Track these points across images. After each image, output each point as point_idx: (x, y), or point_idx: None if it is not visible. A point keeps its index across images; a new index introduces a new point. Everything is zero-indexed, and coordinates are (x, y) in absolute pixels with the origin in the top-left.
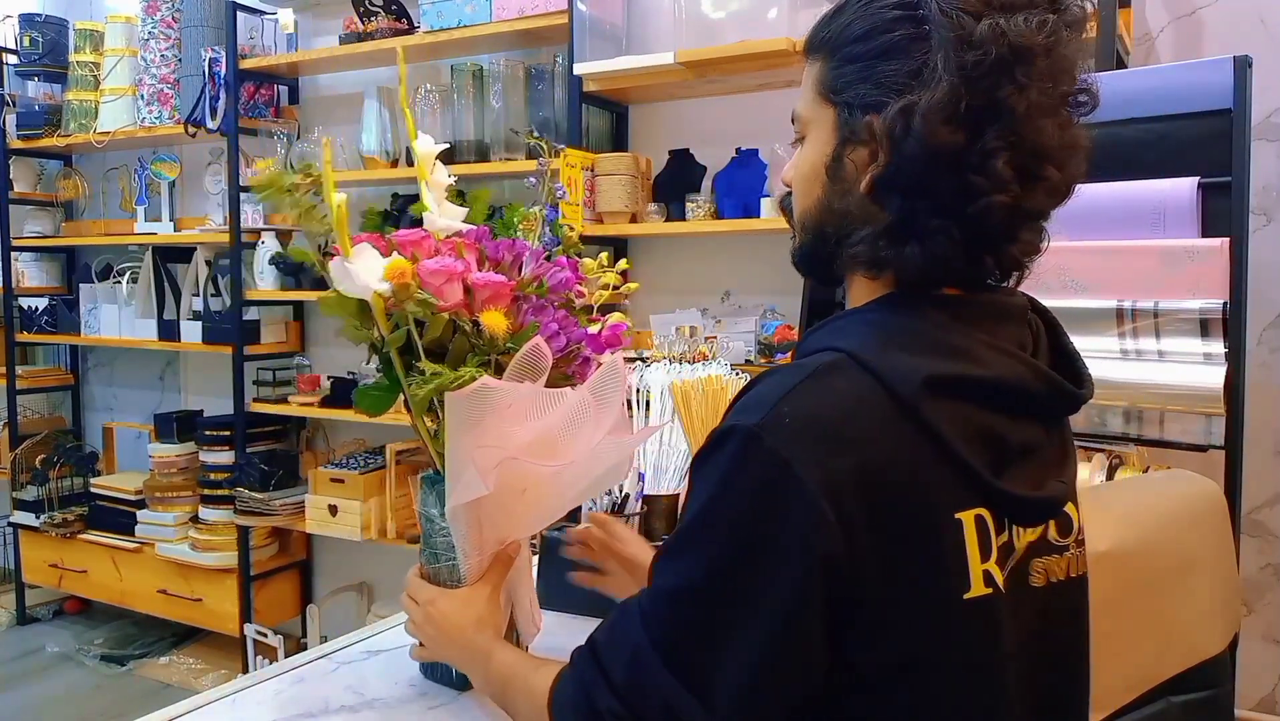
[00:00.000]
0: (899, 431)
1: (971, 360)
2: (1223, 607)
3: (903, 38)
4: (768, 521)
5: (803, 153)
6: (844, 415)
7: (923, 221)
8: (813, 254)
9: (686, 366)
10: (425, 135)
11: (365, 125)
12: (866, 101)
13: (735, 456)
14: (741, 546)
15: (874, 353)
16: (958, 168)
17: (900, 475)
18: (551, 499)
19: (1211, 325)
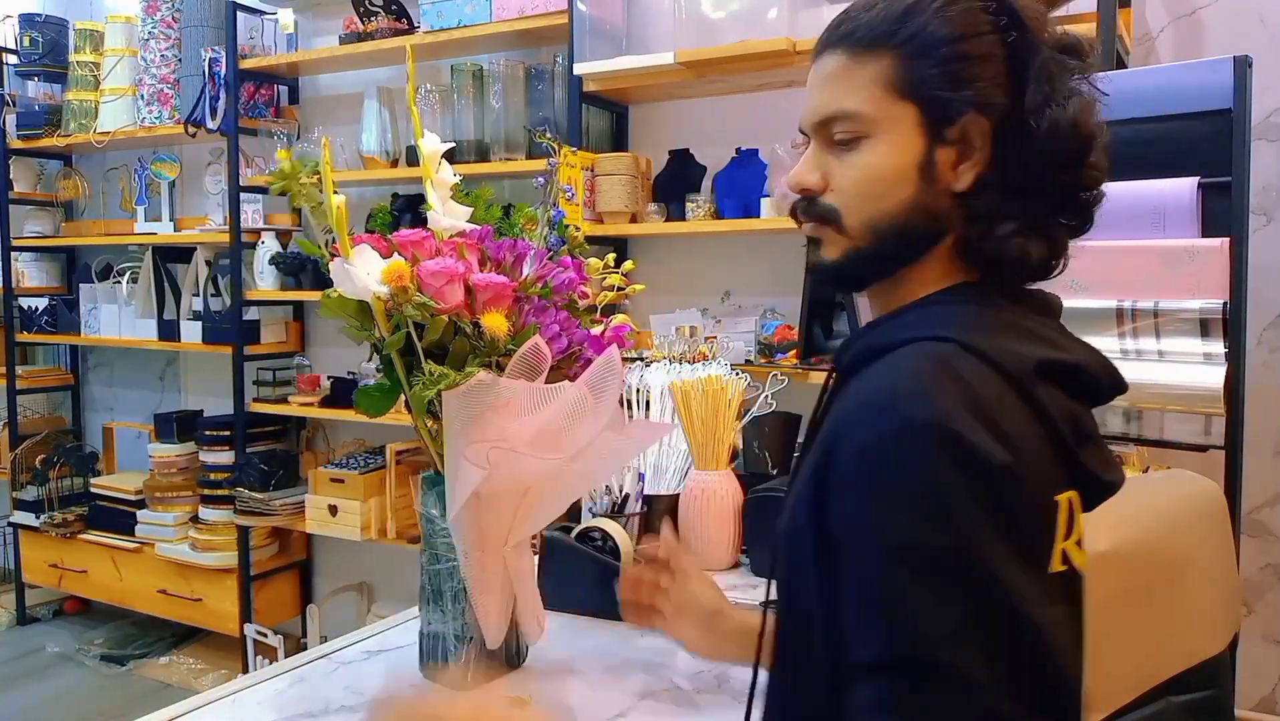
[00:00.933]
0: (1020, 413)
1: (1058, 346)
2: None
3: (997, 40)
4: (986, 518)
5: (870, 153)
6: (989, 397)
7: (1043, 212)
8: (876, 257)
9: (686, 366)
10: (431, 134)
11: (365, 125)
12: (974, 101)
13: (922, 457)
14: (969, 560)
15: (983, 340)
16: (1080, 161)
17: (1029, 453)
18: (553, 496)
19: (1211, 325)
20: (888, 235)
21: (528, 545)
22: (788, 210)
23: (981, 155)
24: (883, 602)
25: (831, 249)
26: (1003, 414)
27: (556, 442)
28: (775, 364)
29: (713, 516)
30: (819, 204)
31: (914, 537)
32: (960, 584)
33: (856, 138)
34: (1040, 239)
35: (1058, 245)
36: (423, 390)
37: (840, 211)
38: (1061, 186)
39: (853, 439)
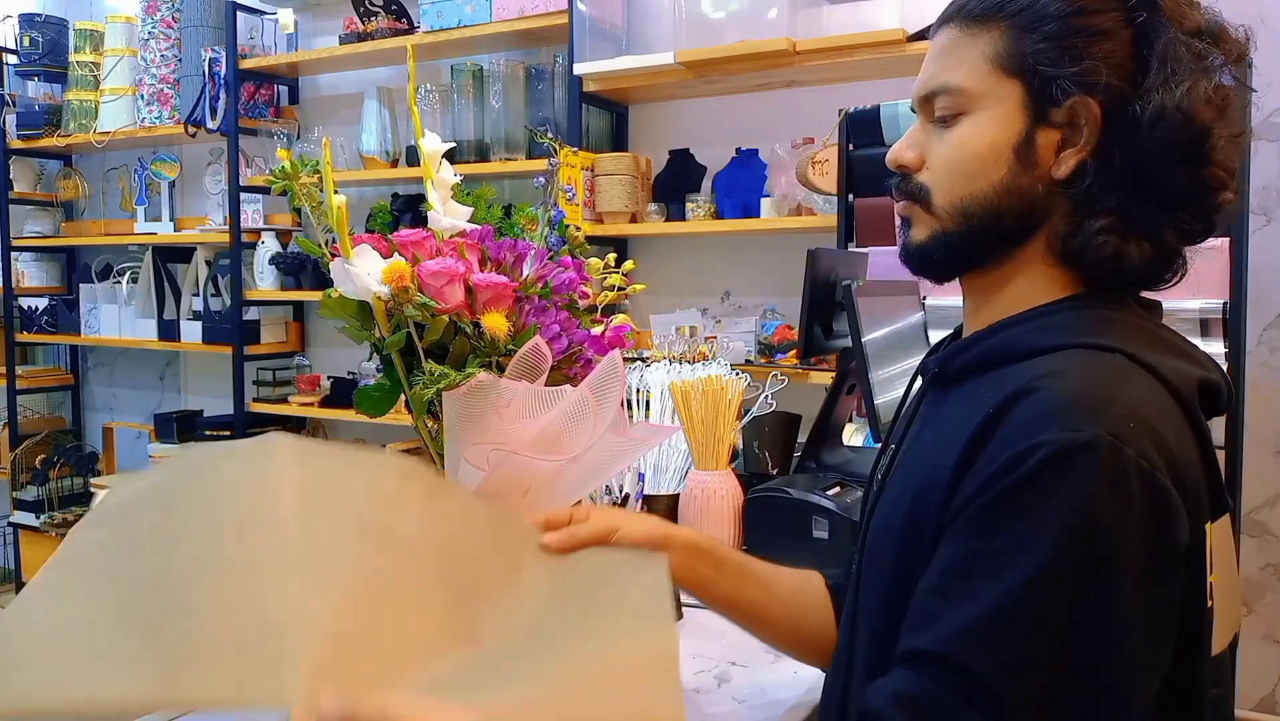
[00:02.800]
0: (1188, 437)
1: (1206, 366)
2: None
3: (1120, 18)
4: (1149, 544)
5: (967, 130)
6: (1161, 415)
7: (1151, 212)
8: (966, 242)
9: (686, 366)
10: (431, 134)
11: (365, 125)
12: (1082, 81)
13: (1096, 475)
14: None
15: (1147, 354)
16: (1199, 159)
17: (1192, 480)
18: (553, 497)
19: (1211, 325)
20: (976, 219)
21: None
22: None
23: (1088, 142)
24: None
25: (920, 230)
26: (1174, 437)
27: (557, 444)
28: (775, 364)
29: (713, 516)
30: (912, 181)
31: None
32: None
33: (956, 114)
34: (1142, 240)
35: (1166, 249)
36: (423, 390)
37: (930, 190)
38: (1175, 184)
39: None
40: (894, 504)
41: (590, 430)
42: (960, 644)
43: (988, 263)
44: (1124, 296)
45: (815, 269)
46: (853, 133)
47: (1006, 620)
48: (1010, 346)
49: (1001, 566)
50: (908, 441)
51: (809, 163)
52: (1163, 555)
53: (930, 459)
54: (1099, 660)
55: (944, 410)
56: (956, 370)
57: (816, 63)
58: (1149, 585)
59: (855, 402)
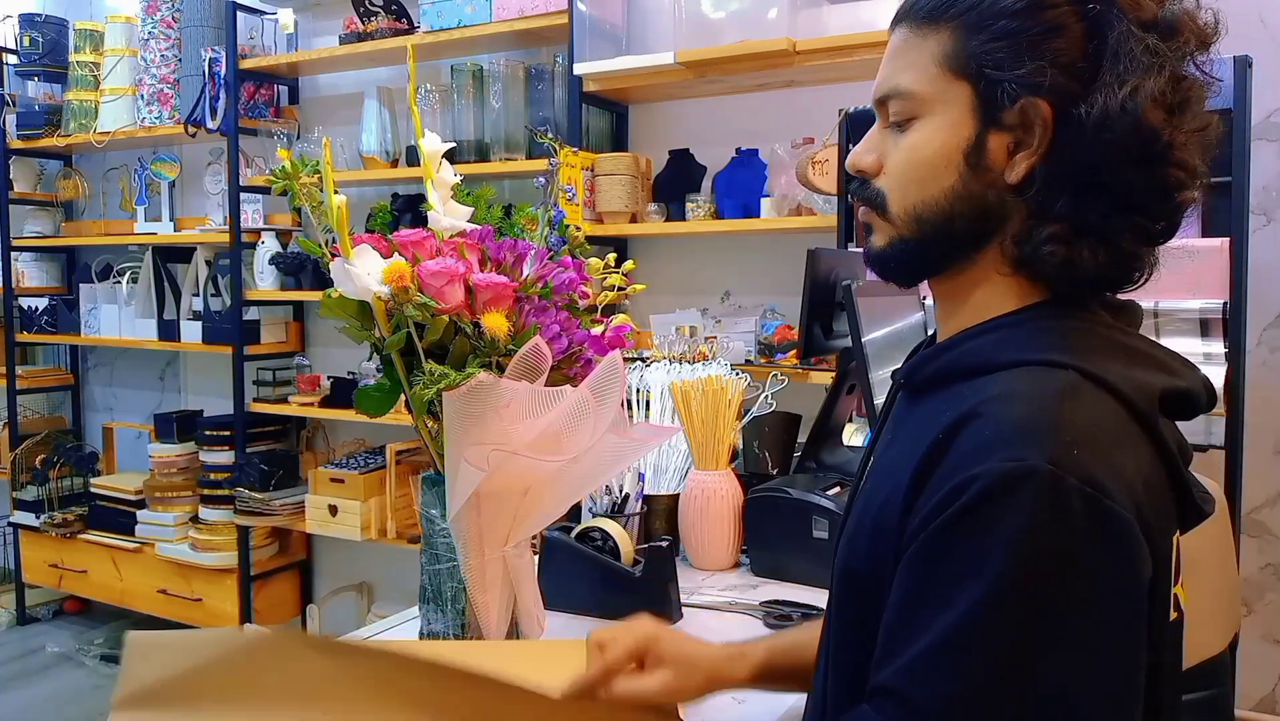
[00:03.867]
0: (1146, 451)
1: (1171, 371)
2: (1223, 607)
3: (1070, 14)
4: (1097, 571)
5: (918, 135)
6: (1112, 434)
7: (1106, 216)
8: (922, 249)
9: (686, 366)
10: (431, 134)
11: (365, 125)
12: (1031, 82)
13: (1036, 504)
14: (1071, 612)
15: (1103, 366)
16: (1156, 159)
17: (1154, 497)
18: (553, 497)
19: (1211, 325)
20: (930, 225)
21: (528, 545)
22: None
23: (1040, 144)
24: (948, 652)
25: (879, 236)
26: (1131, 456)
27: (557, 445)
28: (775, 364)
29: (713, 516)
30: (870, 187)
31: (1026, 597)
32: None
33: (909, 118)
34: (1097, 244)
35: (1123, 253)
36: (423, 390)
37: (886, 196)
38: (1129, 186)
39: (976, 472)
40: (859, 517)
41: (590, 430)
42: (908, 678)
43: (948, 268)
44: (1087, 302)
45: (815, 269)
46: (853, 132)
47: (950, 654)
48: (969, 360)
49: (946, 600)
50: (879, 449)
51: (809, 163)
52: (1116, 581)
53: (893, 475)
54: (1049, 694)
55: (911, 421)
56: (921, 382)
57: (816, 63)
58: (1102, 613)
59: (855, 402)
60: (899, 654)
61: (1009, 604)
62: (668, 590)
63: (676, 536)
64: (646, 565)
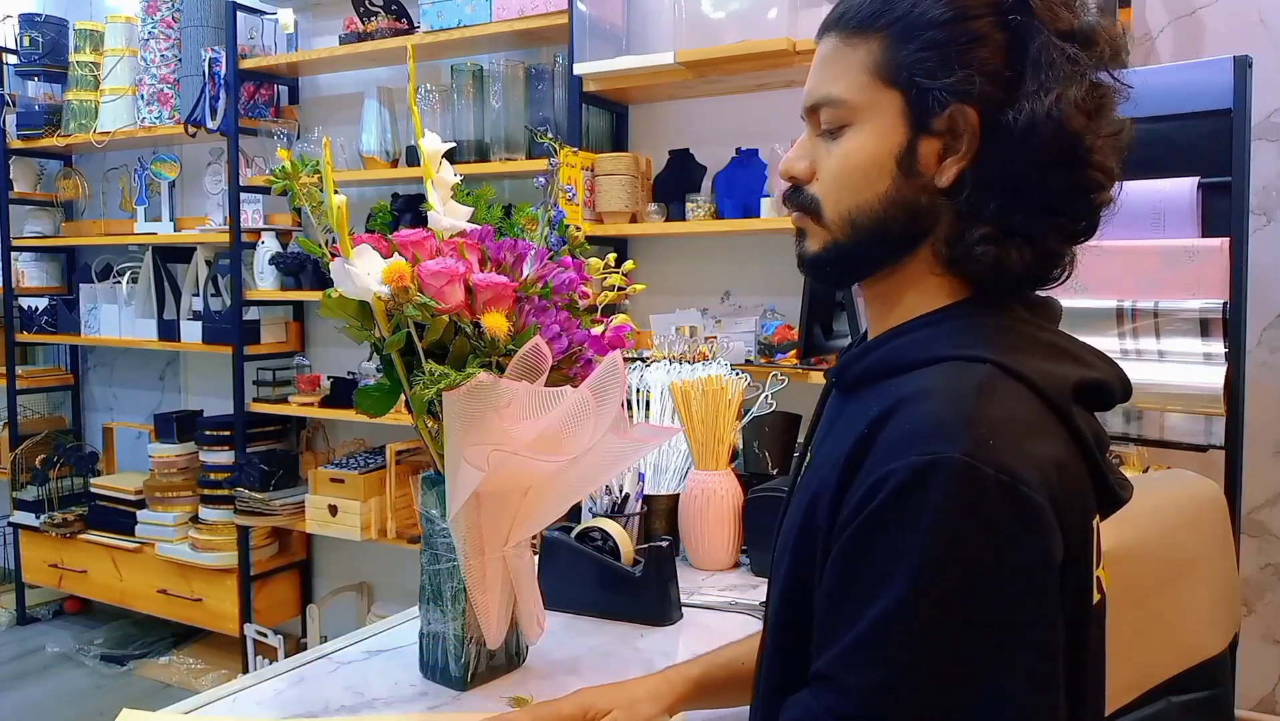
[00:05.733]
0: (1061, 439)
1: (1085, 363)
2: (1223, 607)
3: (994, 24)
4: (1016, 558)
5: (851, 142)
6: (1028, 425)
7: (1031, 218)
8: (856, 253)
9: (686, 366)
10: (431, 134)
11: (365, 125)
12: (959, 90)
13: (952, 494)
14: (993, 600)
15: (1019, 360)
16: (1077, 163)
17: (1071, 484)
18: (553, 497)
19: (1211, 325)
20: (864, 230)
21: (528, 545)
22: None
23: (968, 150)
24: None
25: (813, 241)
26: (1046, 445)
27: (558, 445)
28: (775, 364)
29: (713, 516)
30: (803, 193)
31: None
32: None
33: (841, 126)
34: (1023, 244)
35: (1049, 252)
36: (423, 390)
37: (820, 202)
38: (1053, 188)
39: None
40: (793, 513)
41: (591, 431)
42: (841, 665)
43: (879, 271)
44: (1007, 300)
45: None
46: None
47: (877, 643)
48: (895, 358)
49: (873, 591)
50: (814, 446)
51: None
52: (1034, 569)
53: (823, 472)
54: (972, 675)
55: (841, 419)
56: (850, 380)
57: None
58: (1020, 595)
59: None
60: (832, 643)
61: (930, 592)
62: (668, 590)
63: (676, 536)
64: (646, 565)
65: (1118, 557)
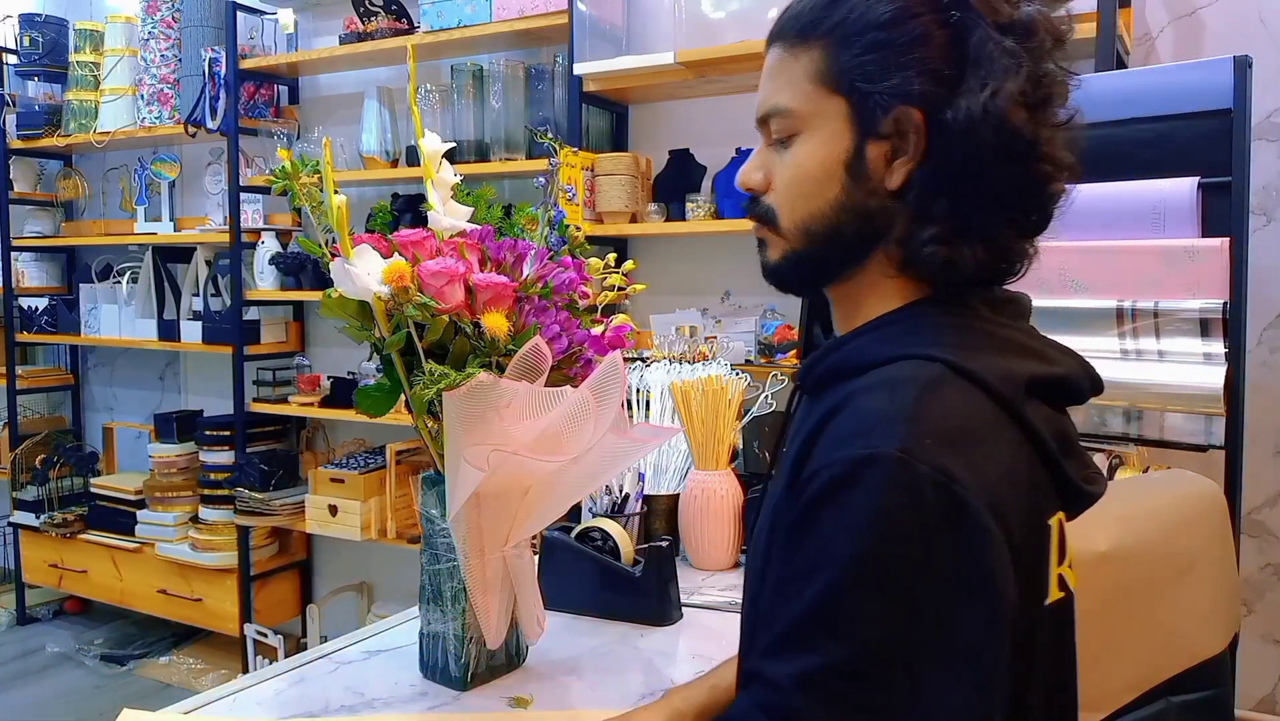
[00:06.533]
0: (1010, 438)
1: (1045, 359)
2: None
3: (932, 22)
4: (946, 558)
5: (801, 150)
6: (971, 425)
7: (982, 215)
8: (814, 261)
9: (686, 366)
10: (431, 134)
11: (365, 125)
12: (901, 91)
13: (885, 489)
14: (919, 596)
15: (971, 358)
16: (1023, 156)
17: (1019, 484)
18: (553, 497)
19: (1211, 325)
20: (820, 237)
21: (528, 545)
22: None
23: (916, 150)
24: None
25: (773, 250)
26: (993, 444)
27: (558, 445)
28: (775, 364)
29: (713, 516)
30: (760, 204)
31: (838, 594)
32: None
33: (791, 135)
34: (976, 241)
35: (1003, 247)
36: (423, 390)
37: (776, 212)
38: (1002, 183)
39: (831, 460)
40: (762, 518)
41: (591, 431)
42: (768, 659)
43: (840, 276)
44: (967, 297)
45: None
46: None
47: (805, 633)
48: (851, 359)
49: (803, 585)
50: (784, 448)
51: None
52: (963, 569)
53: (782, 474)
54: (896, 674)
55: (805, 421)
56: (813, 383)
57: None
58: (949, 598)
59: None
60: (763, 637)
61: (857, 584)
62: (667, 590)
63: (676, 536)
64: (646, 565)
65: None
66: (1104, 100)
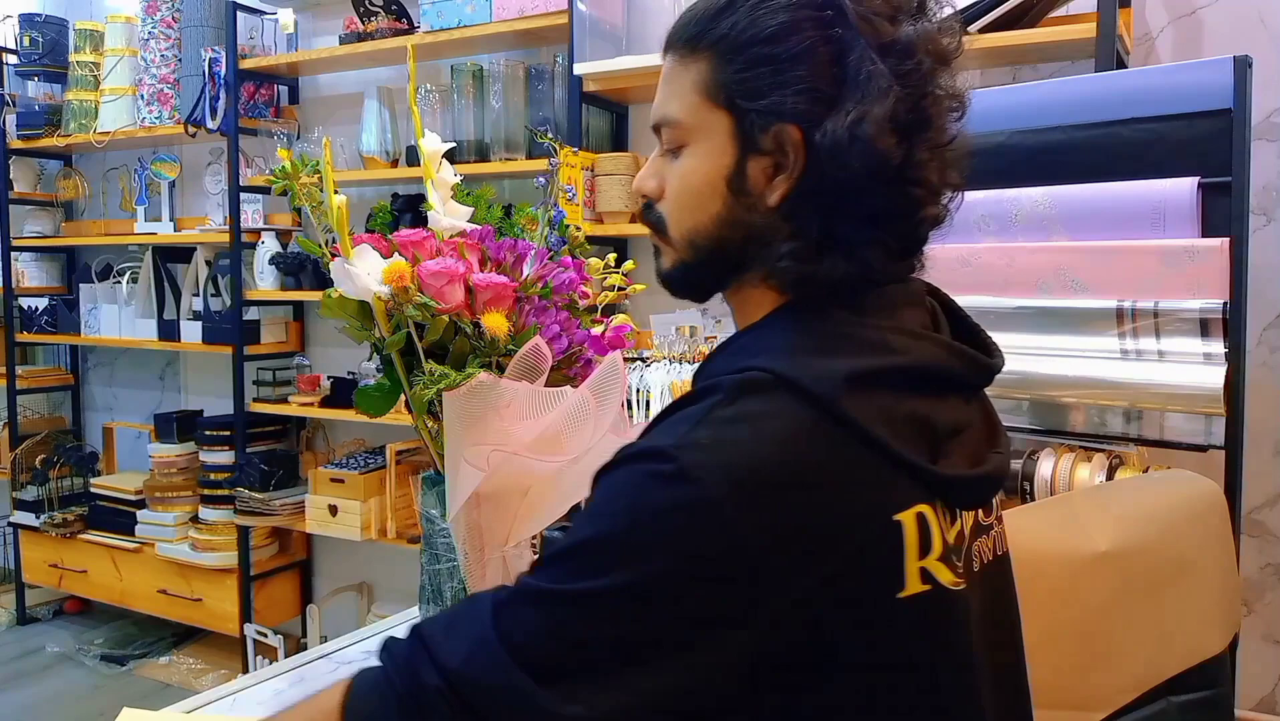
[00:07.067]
0: (825, 439)
1: (888, 350)
2: (1222, 607)
3: (814, 40)
4: (675, 544)
5: (686, 163)
6: (769, 435)
7: (852, 234)
8: (700, 272)
9: (686, 366)
10: (431, 134)
11: (365, 125)
12: (779, 109)
13: (651, 484)
14: (655, 588)
15: (786, 363)
16: (894, 179)
17: (831, 488)
18: (553, 497)
19: (1211, 325)
20: (704, 250)
21: (528, 545)
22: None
23: (794, 168)
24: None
25: (665, 258)
26: (797, 447)
27: (558, 445)
28: None
29: None
30: (653, 211)
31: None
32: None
33: (679, 146)
34: (839, 260)
35: (868, 266)
36: (423, 390)
37: (666, 221)
38: (872, 205)
39: (625, 447)
40: None
41: (591, 431)
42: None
43: (727, 285)
44: (825, 304)
45: None
46: None
47: (548, 559)
48: (714, 372)
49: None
50: None
51: None
52: (692, 556)
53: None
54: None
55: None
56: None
57: None
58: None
59: None
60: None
61: (585, 553)
62: None
63: None
64: None
65: (1118, 557)
66: (1104, 100)
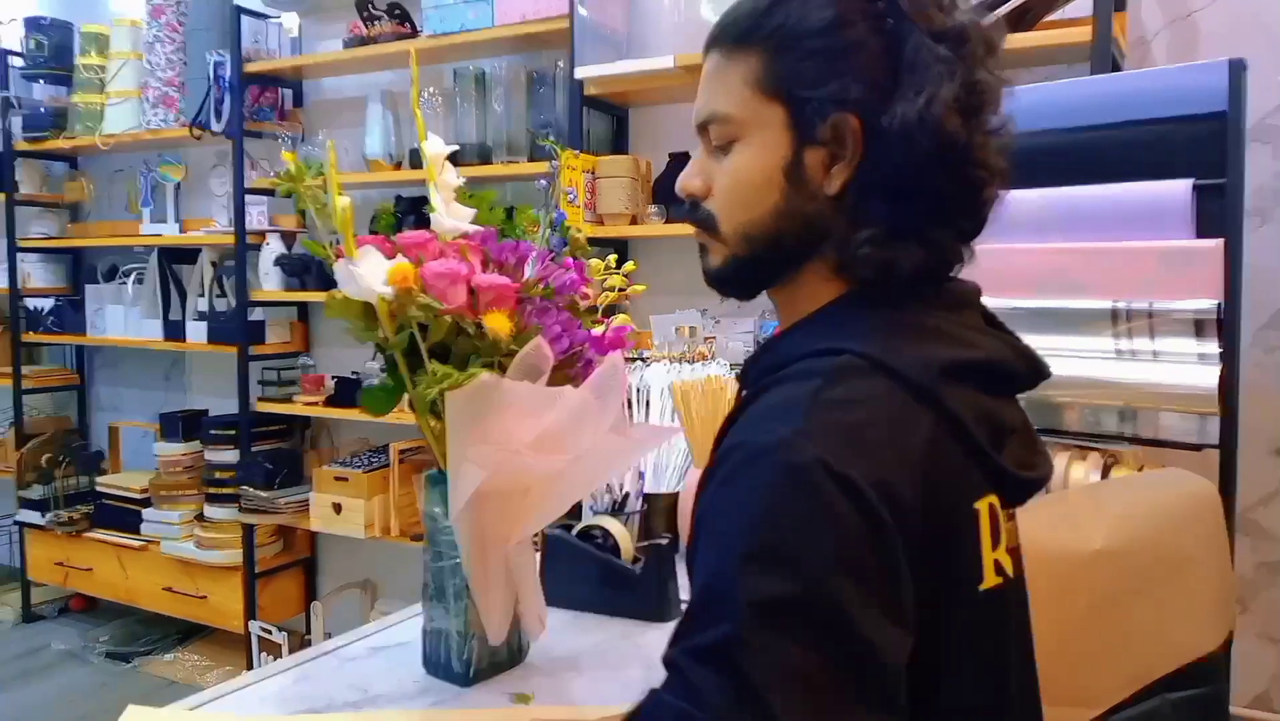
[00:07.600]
0: (923, 426)
1: (966, 344)
2: (1218, 606)
3: (868, 30)
4: (825, 537)
5: (739, 158)
6: (875, 416)
7: (921, 218)
8: (754, 266)
9: (686, 366)
10: (434, 137)
11: (369, 128)
12: (840, 97)
13: (769, 472)
14: (797, 571)
15: (880, 348)
16: (958, 161)
17: (933, 472)
18: (555, 496)
19: (1206, 326)
20: (760, 243)
21: (529, 543)
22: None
23: (854, 156)
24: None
25: (715, 256)
26: (897, 429)
27: (559, 444)
28: None
29: None
30: (701, 209)
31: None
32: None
33: (729, 141)
34: (913, 246)
35: (940, 249)
36: (426, 390)
37: (716, 218)
38: (937, 189)
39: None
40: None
41: (591, 431)
42: (673, 645)
43: (781, 280)
44: (894, 293)
45: None
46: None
47: (697, 614)
48: (779, 356)
49: (699, 571)
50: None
51: None
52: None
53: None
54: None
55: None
56: (749, 383)
57: None
58: (830, 575)
59: None
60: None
61: (741, 563)
62: (667, 587)
63: (676, 534)
64: (646, 563)
65: (1113, 556)
66: (1100, 103)
